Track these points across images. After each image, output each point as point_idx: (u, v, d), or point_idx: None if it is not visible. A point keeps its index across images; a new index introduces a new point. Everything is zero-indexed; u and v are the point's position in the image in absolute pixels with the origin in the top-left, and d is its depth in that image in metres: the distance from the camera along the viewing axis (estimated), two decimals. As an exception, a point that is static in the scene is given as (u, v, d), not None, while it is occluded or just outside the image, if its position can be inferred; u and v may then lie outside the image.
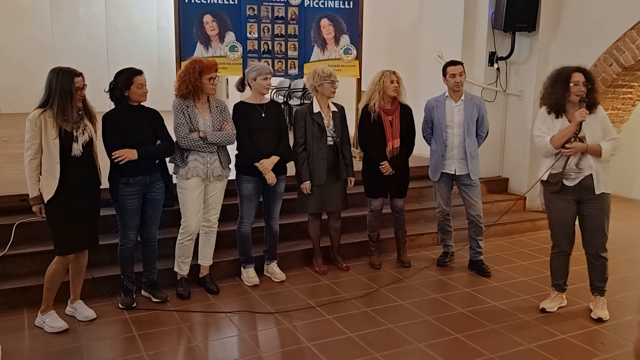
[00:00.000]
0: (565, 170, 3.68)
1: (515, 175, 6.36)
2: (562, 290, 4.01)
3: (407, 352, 3.40)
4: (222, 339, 3.58)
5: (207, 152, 4.00)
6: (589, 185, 3.66)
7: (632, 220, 6.49)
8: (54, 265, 3.59)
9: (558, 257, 3.93)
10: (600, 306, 3.86)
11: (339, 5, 6.10)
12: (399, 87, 4.50)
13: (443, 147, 4.60)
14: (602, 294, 3.89)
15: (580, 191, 3.70)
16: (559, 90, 3.64)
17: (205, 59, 4.17)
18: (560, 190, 3.72)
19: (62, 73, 3.43)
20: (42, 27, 10.66)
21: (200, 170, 4.00)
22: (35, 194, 3.48)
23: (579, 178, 3.68)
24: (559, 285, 4.00)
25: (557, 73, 3.70)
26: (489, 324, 3.77)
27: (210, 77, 3.95)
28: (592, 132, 3.64)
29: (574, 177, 3.69)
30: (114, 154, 3.66)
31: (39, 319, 3.65)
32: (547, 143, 3.69)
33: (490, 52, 6.11)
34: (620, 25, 5.24)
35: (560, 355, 3.36)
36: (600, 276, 3.85)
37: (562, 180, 3.70)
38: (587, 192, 3.68)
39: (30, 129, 3.40)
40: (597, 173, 3.65)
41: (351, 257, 4.95)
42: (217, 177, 4.09)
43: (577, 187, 3.70)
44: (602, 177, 3.66)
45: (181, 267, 4.17)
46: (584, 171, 3.67)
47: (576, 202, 3.74)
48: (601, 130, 3.67)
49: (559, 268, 3.95)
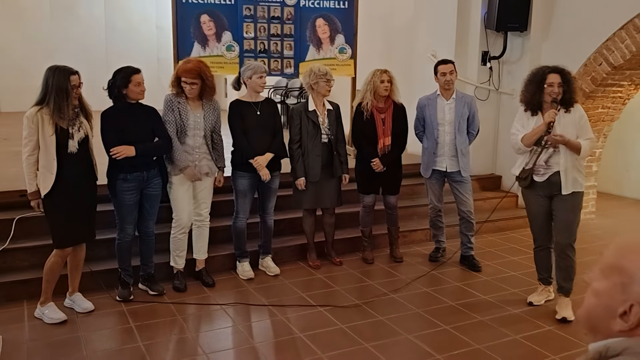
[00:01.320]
0: (534, 166, 3.76)
1: (507, 172, 6.41)
2: (548, 284, 4.09)
3: (396, 342, 3.50)
4: (216, 330, 3.68)
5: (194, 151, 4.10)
6: (557, 182, 3.72)
7: (623, 218, 6.58)
8: (52, 258, 3.69)
9: (539, 251, 4.02)
10: (564, 306, 3.82)
11: (334, 5, 6.19)
12: (391, 86, 4.58)
13: (434, 145, 4.70)
14: (566, 294, 3.84)
15: (550, 187, 3.77)
16: (533, 90, 3.73)
17: (193, 62, 4.13)
18: (531, 185, 3.81)
19: (58, 71, 3.52)
20: (41, 26, 10.75)
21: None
22: (33, 189, 3.57)
23: (548, 174, 3.75)
24: (545, 278, 4.07)
25: (533, 73, 3.78)
26: (478, 317, 3.87)
27: (184, 81, 4.01)
28: (564, 131, 3.68)
29: (543, 173, 3.77)
30: (111, 151, 3.75)
31: (38, 310, 3.74)
32: (519, 141, 3.79)
33: (483, 51, 6.21)
34: (609, 25, 5.33)
35: (545, 346, 3.46)
36: (566, 275, 3.82)
37: (532, 175, 3.78)
38: (556, 189, 3.74)
39: (28, 126, 3.48)
40: (566, 171, 3.69)
41: (344, 252, 5.04)
42: (204, 174, 4.19)
43: (547, 183, 3.77)
44: (571, 175, 3.70)
45: (177, 261, 4.27)
46: (552, 168, 3.74)
47: (548, 198, 3.80)
48: (577, 129, 3.70)
49: (541, 262, 4.03)
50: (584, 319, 1.14)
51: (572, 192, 3.71)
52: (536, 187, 3.81)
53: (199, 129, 4.12)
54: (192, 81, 4.00)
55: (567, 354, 3.37)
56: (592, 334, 1.13)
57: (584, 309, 1.14)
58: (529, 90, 3.77)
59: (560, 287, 3.87)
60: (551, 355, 3.35)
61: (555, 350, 3.41)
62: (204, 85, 4.06)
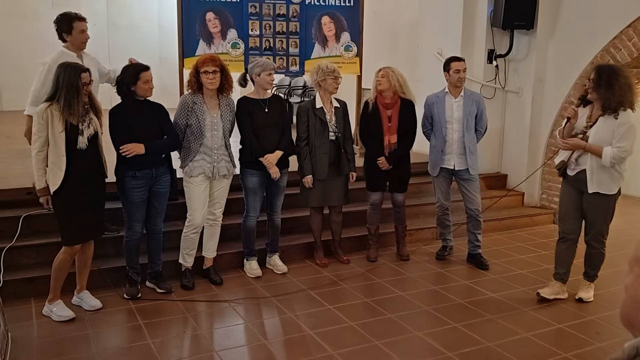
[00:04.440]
0: (568, 161, 3.90)
1: (513, 171, 6.43)
2: (561, 280, 4.08)
3: (406, 340, 3.49)
4: (226, 327, 3.67)
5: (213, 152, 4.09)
6: (584, 180, 3.82)
7: (629, 217, 6.57)
8: (61, 255, 3.67)
9: (560, 243, 4.09)
10: (585, 289, 4.07)
11: (340, 3, 6.16)
12: (387, 81, 4.53)
13: (442, 143, 4.68)
14: (590, 280, 4.08)
15: (579, 183, 3.88)
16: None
17: (209, 54, 4.24)
18: (565, 177, 3.97)
19: (69, 68, 3.52)
20: (43, 25, 10.70)
21: (206, 168, 4.09)
22: (42, 185, 3.56)
23: (577, 170, 3.87)
24: (559, 274, 4.09)
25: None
26: (487, 314, 3.85)
27: (204, 70, 4.00)
28: (597, 134, 3.70)
29: (573, 168, 3.90)
30: (121, 148, 3.73)
31: (46, 308, 3.72)
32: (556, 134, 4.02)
33: (489, 49, 6.19)
34: (616, 23, 5.32)
35: (556, 344, 3.45)
36: (592, 264, 4.04)
37: (566, 168, 3.93)
38: (583, 186, 3.84)
39: (37, 122, 3.48)
40: (592, 171, 3.76)
41: (352, 251, 5.03)
42: (222, 175, 4.17)
43: (576, 177, 3.88)
44: (597, 177, 3.75)
45: (186, 259, 4.25)
46: (581, 165, 3.84)
47: (579, 192, 3.91)
48: (612, 134, 3.65)
49: (560, 255, 4.09)
50: (620, 315, 1.14)
51: (597, 191, 3.78)
52: (569, 180, 3.96)
53: (216, 129, 4.10)
54: (214, 69, 3.99)
55: (578, 352, 3.36)
56: (630, 329, 1.12)
57: (621, 306, 1.13)
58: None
59: (585, 273, 4.10)
60: (563, 353, 3.34)
61: (566, 348, 3.40)
62: (222, 77, 4.06)
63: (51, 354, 3.28)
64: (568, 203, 3.99)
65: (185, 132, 4.07)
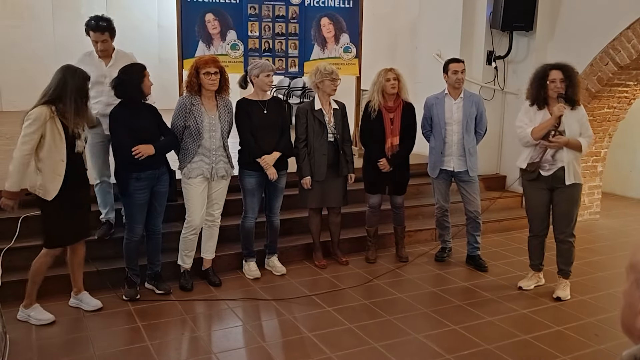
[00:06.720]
0: (541, 162, 3.99)
1: (512, 172, 6.41)
2: (538, 270, 4.36)
3: (405, 342, 3.48)
4: (225, 329, 3.67)
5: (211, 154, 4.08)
6: (561, 176, 3.98)
7: (628, 218, 6.57)
8: (41, 258, 3.58)
9: (533, 239, 4.30)
10: (562, 287, 4.17)
11: (339, 4, 6.17)
12: (399, 84, 4.56)
13: (442, 144, 4.68)
14: (565, 277, 4.19)
15: (553, 181, 4.03)
16: (537, 87, 4.00)
17: (208, 55, 4.24)
18: (536, 178, 4.05)
19: (78, 74, 3.48)
20: (43, 25, 10.71)
21: (205, 170, 4.09)
22: (17, 189, 3.43)
23: (553, 169, 4.00)
24: (535, 265, 4.36)
25: (537, 71, 4.07)
26: (486, 317, 3.85)
27: (206, 71, 3.99)
28: (570, 127, 3.95)
29: (548, 169, 4.02)
30: (133, 150, 3.70)
31: (21, 312, 3.64)
32: (528, 134, 4.02)
33: (488, 51, 6.19)
34: (616, 25, 5.32)
35: (555, 346, 3.44)
36: (566, 260, 4.16)
37: (539, 169, 4.02)
38: (559, 182, 4.01)
39: (35, 123, 3.36)
40: (569, 165, 3.97)
41: (351, 252, 5.02)
42: (221, 176, 4.17)
43: (551, 177, 4.01)
44: (572, 169, 3.98)
45: (184, 261, 4.25)
46: (557, 163, 3.98)
47: (549, 190, 4.06)
48: (579, 126, 3.97)
49: (534, 250, 4.32)
50: (620, 322, 1.13)
51: (573, 183, 3.97)
52: (540, 181, 4.06)
53: (214, 131, 4.09)
54: (215, 70, 4.00)
55: (577, 354, 3.36)
56: (630, 336, 1.11)
57: (620, 313, 1.13)
58: (534, 87, 4.06)
59: (560, 270, 4.22)
60: (561, 355, 3.34)
61: (565, 350, 3.40)
62: (221, 78, 4.07)
63: (49, 355, 3.28)
64: (539, 204, 4.14)
65: (183, 133, 4.07)
